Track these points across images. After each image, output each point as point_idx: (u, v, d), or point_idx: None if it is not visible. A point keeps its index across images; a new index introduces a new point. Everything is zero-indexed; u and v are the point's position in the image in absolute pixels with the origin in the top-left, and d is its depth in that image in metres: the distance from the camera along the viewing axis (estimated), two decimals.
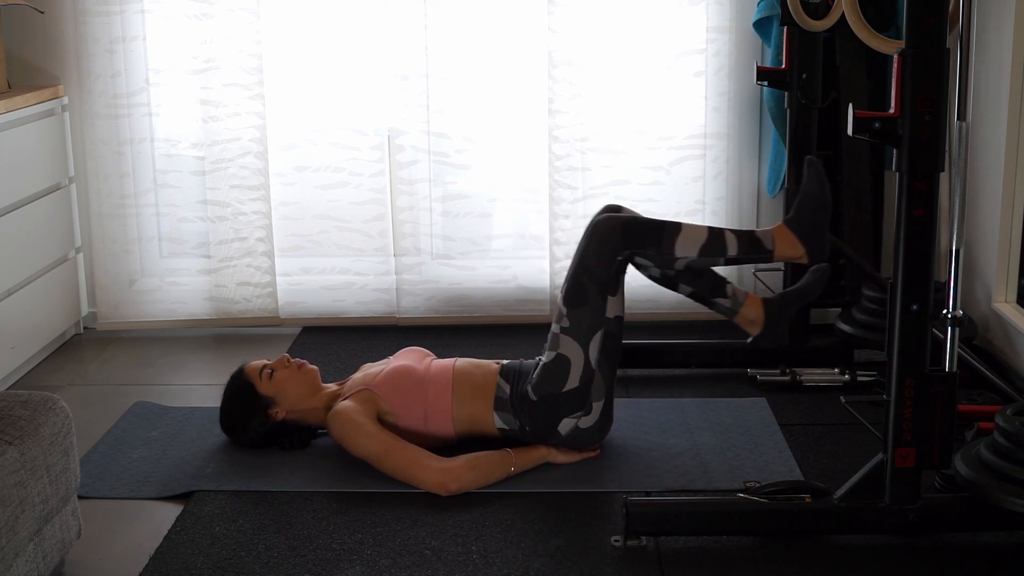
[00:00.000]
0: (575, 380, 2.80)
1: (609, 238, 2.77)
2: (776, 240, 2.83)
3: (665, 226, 2.81)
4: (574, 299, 2.79)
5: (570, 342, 2.80)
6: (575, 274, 2.80)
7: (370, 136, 4.00)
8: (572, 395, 2.81)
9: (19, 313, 3.58)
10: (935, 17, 2.21)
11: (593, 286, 2.77)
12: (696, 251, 2.80)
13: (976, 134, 3.45)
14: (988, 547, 2.46)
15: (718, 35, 3.87)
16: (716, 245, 2.80)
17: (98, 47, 3.87)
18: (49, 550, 2.30)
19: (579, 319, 2.79)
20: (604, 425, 2.88)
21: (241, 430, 2.98)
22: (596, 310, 2.78)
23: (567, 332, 2.80)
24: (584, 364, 2.80)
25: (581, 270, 2.79)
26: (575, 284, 2.79)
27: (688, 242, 2.80)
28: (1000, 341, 3.37)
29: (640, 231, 2.79)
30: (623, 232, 2.78)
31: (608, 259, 2.77)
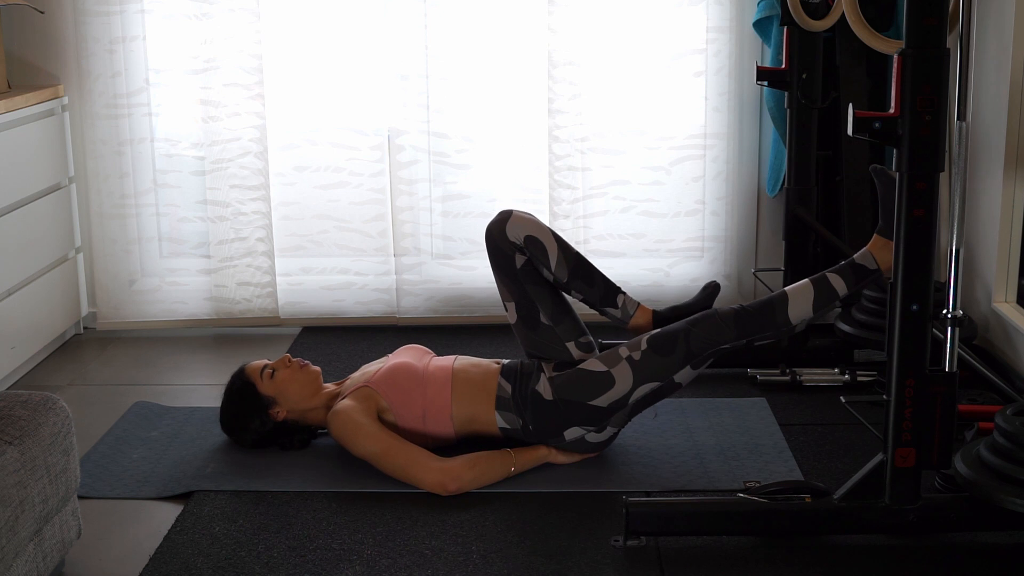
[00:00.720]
0: (605, 401, 2.80)
1: (721, 327, 2.78)
2: (877, 256, 2.82)
3: (773, 303, 2.81)
4: (661, 346, 2.79)
5: (627, 372, 2.79)
6: (679, 331, 2.80)
7: (370, 136, 4.00)
8: (593, 411, 2.81)
9: (19, 313, 3.58)
10: (935, 17, 2.21)
11: (684, 351, 2.78)
12: (811, 309, 2.80)
13: (976, 134, 3.45)
14: (988, 547, 2.46)
15: (718, 35, 3.87)
16: (825, 293, 2.80)
17: (98, 47, 3.87)
18: (49, 550, 2.30)
19: (651, 363, 2.79)
20: (608, 443, 2.90)
21: (241, 430, 2.98)
22: (670, 367, 2.79)
23: (632, 363, 2.79)
24: (623, 396, 2.80)
25: (685, 336, 2.79)
26: (672, 338, 2.79)
27: (799, 306, 2.79)
28: (1000, 341, 3.37)
29: (752, 318, 2.79)
30: (736, 322, 2.78)
31: (713, 344, 2.78)
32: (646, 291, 3.94)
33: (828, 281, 2.82)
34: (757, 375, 3.43)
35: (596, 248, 4.02)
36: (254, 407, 2.95)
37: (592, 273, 2.95)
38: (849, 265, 2.84)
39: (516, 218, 2.91)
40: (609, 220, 4.04)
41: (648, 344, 2.80)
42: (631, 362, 2.79)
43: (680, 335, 2.79)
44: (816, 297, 2.80)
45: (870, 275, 2.83)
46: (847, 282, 2.82)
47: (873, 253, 2.82)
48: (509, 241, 2.89)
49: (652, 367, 2.79)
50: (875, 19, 3.14)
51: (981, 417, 2.91)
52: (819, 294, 2.80)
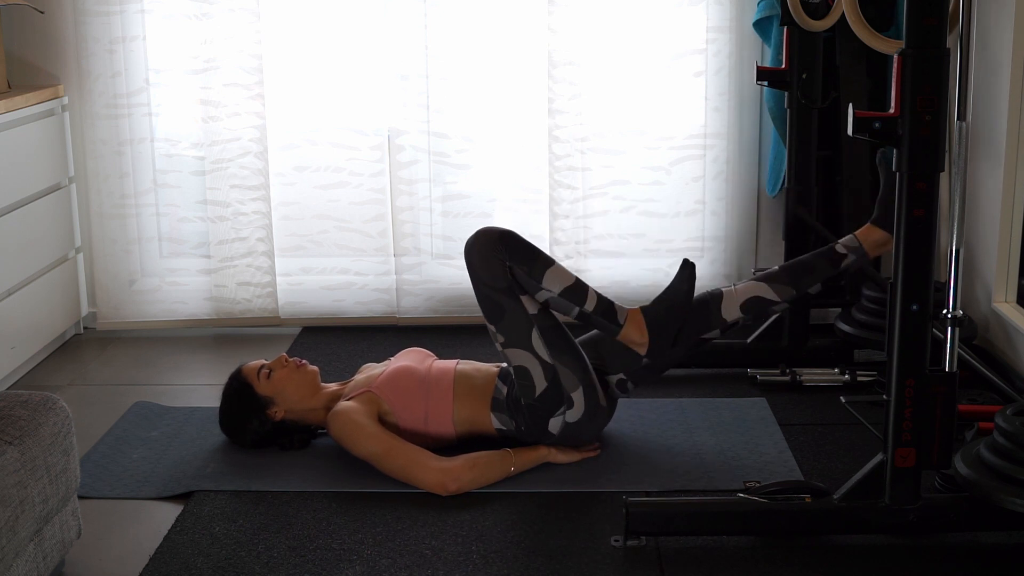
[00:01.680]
0: (542, 381, 2.80)
1: (492, 248, 2.79)
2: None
3: (539, 255, 2.82)
4: (493, 314, 2.81)
5: (516, 352, 2.81)
6: (478, 293, 2.82)
7: (370, 136, 4.00)
8: (546, 396, 2.81)
9: (19, 313, 3.58)
10: (935, 17, 2.21)
11: (500, 295, 2.79)
12: (559, 290, 2.80)
13: (976, 134, 3.45)
14: (988, 547, 2.46)
15: (718, 35, 3.87)
16: (576, 293, 2.81)
17: (98, 47, 3.87)
18: (49, 550, 2.30)
19: (508, 329, 2.80)
20: (594, 413, 2.85)
21: (240, 430, 2.98)
22: (517, 314, 2.79)
23: (507, 345, 2.81)
24: (540, 364, 2.80)
25: (482, 286, 2.80)
26: (485, 301, 2.81)
27: (556, 279, 2.80)
28: (1000, 341, 3.37)
29: (518, 246, 2.80)
30: (502, 240, 2.80)
31: (498, 265, 2.78)
32: (646, 291, 3.93)
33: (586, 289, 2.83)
34: (757, 375, 3.43)
35: (596, 248, 4.02)
36: (252, 407, 2.95)
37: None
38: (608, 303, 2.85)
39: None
40: (609, 220, 4.04)
41: (490, 324, 2.81)
42: (505, 345, 2.81)
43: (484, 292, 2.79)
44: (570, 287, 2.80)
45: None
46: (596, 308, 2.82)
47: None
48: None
49: (513, 329, 2.79)
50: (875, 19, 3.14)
51: (981, 417, 2.91)
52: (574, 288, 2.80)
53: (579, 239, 3.99)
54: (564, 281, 2.80)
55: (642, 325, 2.87)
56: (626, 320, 2.86)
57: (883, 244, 3.00)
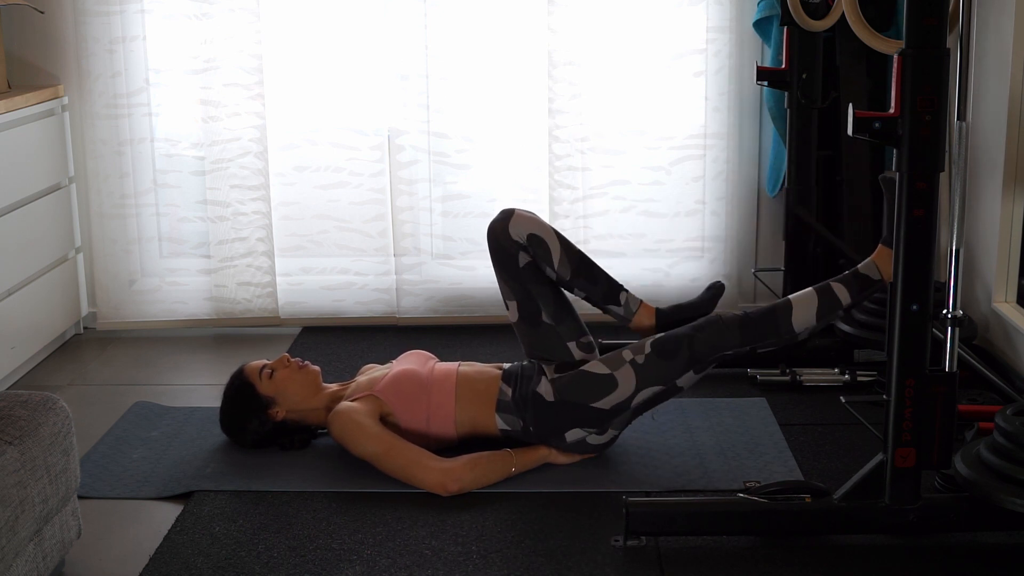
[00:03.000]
0: (607, 404, 2.79)
1: (726, 332, 2.77)
2: (880, 266, 2.82)
3: (776, 312, 2.80)
4: (664, 351, 2.79)
5: (631, 375, 2.79)
6: (683, 336, 2.79)
7: (370, 136, 4.00)
8: (595, 413, 2.80)
9: (19, 313, 3.58)
10: (935, 17, 2.21)
11: (687, 356, 2.78)
12: (814, 318, 2.80)
13: (976, 134, 3.45)
14: (988, 547, 2.46)
15: (718, 35, 3.87)
16: (829, 302, 2.80)
17: (98, 47, 3.87)
18: (49, 550, 2.30)
19: (655, 367, 2.79)
20: (608, 445, 2.89)
21: (241, 430, 2.98)
22: (674, 371, 2.79)
23: (635, 366, 2.79)
24: (626, 399, 2.79)
25: (689, 341, 2.78)
26: (676, 342, 2.79)
27: (803, 314, 2.79)
28: (1000, 341, 3.37)
29: (756, 325, 2.79)
30: (741, 330, 2.78)
31: (717, 350, 2.78)
32: (646, 291, 3.92)
33: (832, 290, 2.82)
34: (757, 375, 3.43)
35: (596, 248, 4.02)
36: (253, 407, 2.95)
37: (595, 271, 2.95)
38: (852, 275, 2.84)
39: (519, 217, 2.90)
40: (609, 220, 4.04)
41: (652, 348, 2.80)
42: (635, 365, 2.79)
43: (684, 340, 2.78)
44: (820, 306, 2.80)
45: (873, 285, 2.83)
46: (850, 292, 2.82)
47: (877, 263, 2.82)
48: (512, 240, 2.89)
49: (655, 371, 2.78)
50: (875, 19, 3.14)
51: (981, 417, 2.91)
52: (823, 303, 2.80)
53: (579, 239, 3.99)
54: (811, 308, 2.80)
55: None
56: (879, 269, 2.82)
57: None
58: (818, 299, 2.81)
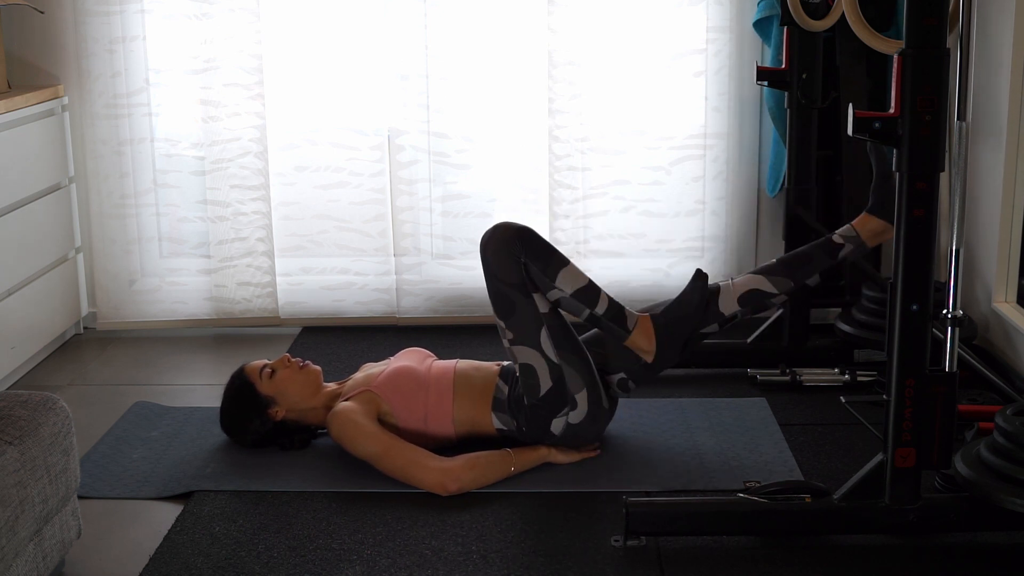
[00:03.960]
0: (547, 381, 2.80)
1: (509, 243, 2.77)
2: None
3: (555, 253, 2.81)
4: (504, 310, 2.80)
5: (523, 349, 2.80)
6: (490, 287, 2.81)
7: (370, 136, 4.00)
8: (551, 396, 2.81)
9: (19, 313, 3.58)
10: (935, 17, 2.21)
11: (512, 291, 2.78)
12: (571, 290, 2.79)
13: (976, 134, 3.45)
14: (988, 547, 2.46)
15: (718, 35, 3.87)
16: (589, 295, 2.81)
17: (98, 47, 3.87)
18: (49, 550, 2.30)
19: (518, 325, 2.80)
20: (596, 415, 2.86)
21: (241, 430, 2.98)
22: (528, 311, 2.79)
23: (515, 342, 2.81)
24: (547, 363, 2.80)
25: (496, 281, 2.79)
26: (496, 296, 2.80)
27: (569, 279, 2.79)
28: (1000, 341, 3.37)
29: (535, 243, 2.79)
30: (519, 235, 2.78)
31: (513, 261, 2.77)
32: (646, 291, 3.94)
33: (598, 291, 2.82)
34: (757, 375, 3.43)
35: (596, 248, 4.02)
36: (253, 407, 2.95)
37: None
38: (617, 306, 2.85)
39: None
40: (609, 220, 4.04)
41: (498, 318, 2.81)
42: (513, 342, 2.81)
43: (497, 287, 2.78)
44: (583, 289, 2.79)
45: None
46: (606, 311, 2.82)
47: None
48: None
49: (522, 326, 2.78)
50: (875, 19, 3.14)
51: (981, 417, 2.91)
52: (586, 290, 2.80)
53: (579, 239, 3.99)
54: (577, 282, 2.80)
55: (651, 333, 2.87)
56: (635, 326, 2.85)
57: (881, 233, 3.01)
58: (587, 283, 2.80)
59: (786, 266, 3.00)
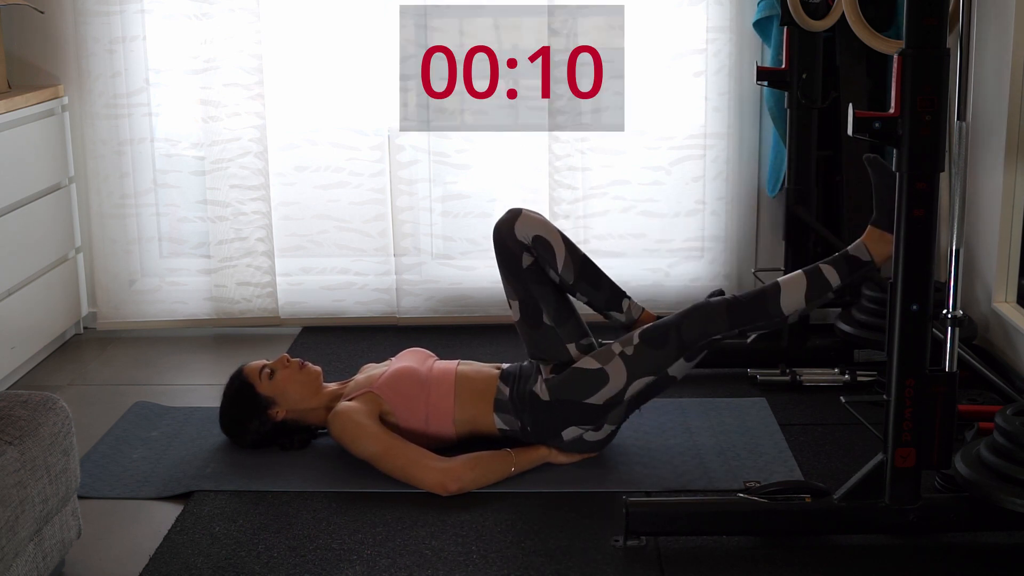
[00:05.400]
0: (600, 399, 2.79)
1: (713, 317, 2.77)
2: (871, 247, 2.81)
3: (765, 294, 2.80)
4: (652, 340, 2.79)
5: (621, 368, 2.78)
6: (670, 324, 2.79)
7: (370, 136, 4.00)
8: (589, 409, 2.80)
9: (19, 313, 3.58)
10: (935, 17, 2.21)
11: (677, 343, 2.78)
12: (803, 299, 2.79)
13: (976, 134, 3.45)
14: (988, 547, 2.46)
15: (718, 35, 3.87)
16: (818, 284, 2.79)
17: (98, 47, 3.87)
18: (49, 550, 2.30)
19: (644, 357, 2.78)
20: (606, 442, 2.89)
21: (241, 430, 2.98)
22: (664, 360, 2.79)
23: (624, 358, 2.79)
24: (618, 392, 2.79)
25: (677, 328, 2.78)
26: (663, 330, 2.79)
27: (792, 296, 2.78)
28: (1000, 341, 3.37)
29: (744, 308, 2.78)
30: (728, 313, 2.77)
31: (706, 335, 2.77)
32: (646, 291, 3.94)
33: (821, 272, 2.81)
34: (757, 375, 3.43)
35: (596, 248, 4.02)
36: (253, 408, 2.95)
37: (598, 276, 2.95)
38: (842, 256, 2.83)
39: (525, 217, 2.90)
40: (609, 220, 4.04)
41: (640, 338, 2.79)
42: (624, 357, 2.79)
43: (672, 327, 2.78)
44: (809, 288, 2.79)
45: (863, 267, 2.82)
46: (840, 273, 2.81)
47: (867, 244, 2.82)
48: (517, 240, 2.88)
49: (645, 361, 2.78)
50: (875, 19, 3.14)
51: (981, 417, 2.91)
52: (812, 285, 2.80)
53: (579, 239, 3.98)
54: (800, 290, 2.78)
55: (884, 235, 2.80)
56: (869, 250, 2.81)
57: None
58: (807, 281, 2.80)
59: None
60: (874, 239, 2.81)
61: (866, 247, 2.81)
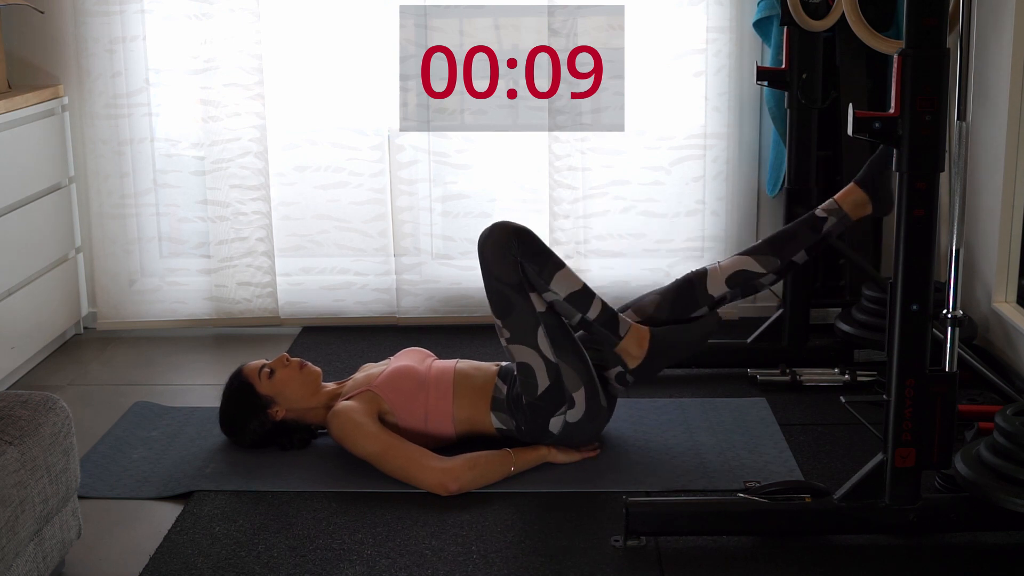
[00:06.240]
0: (544, 380, 2.80)
1: (506, 242, 2.78)
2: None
3: (552, 256, 2.82)
4: (501, 308, 2.81)
5: (520, 348, 2.81)
6: (488, 286, 2.82)
7: (370, 136, 4.00)
8: (548, 394, 2.81)
9: (19, 313, 3.58)
10: (935, 17, 2.21)
11: (510, 290, 2.79)
12: (565, 294, 2.80)
13: (976, 134, 3.45)
14: (988, 547, 2.46)
15: (718, 35, 3.87)
16: (582, 299, 2.81)
17: (98, 47, 3.87)
18: (49, 550, 2.30)
19: (515, 325, 2.80)
20: (595, 414, 2.85)
21: (240, 430, 2.98)
22: (525, 310, 2.80)
23: (512, 341, 2.81)
24: (544, 362, 2.80)
25: (493, 280, 2.80)
26: (494, 295, 2.81)
27: (564, 283, 2.80)
28: (1000, 341, 3.37)
29: (531, 244, 2.80)
30: (516, 235, 2.79)
31: (510, 261, 2.78)
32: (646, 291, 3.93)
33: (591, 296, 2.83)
34: (757, 375, 3.43)
35: (596, 248, 4.02)
36: (253, 407, 2.95)
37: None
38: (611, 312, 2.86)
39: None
40: (609, 220, 4.04)
41: (496, 317, 2.82)
42: (511, 341, 2.82)
43: (494, 286, 2.80)
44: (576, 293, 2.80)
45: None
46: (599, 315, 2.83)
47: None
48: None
49: (519, 325, 2.79)
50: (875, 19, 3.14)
51: (981, 417, 2.91)
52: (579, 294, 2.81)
53: (579, 239, 3.99)
54: (572, 286, 2.81)
55: (644, 341, 2.88)
56: (627, 333, 2.87)
57: (863, 205, 3.05)
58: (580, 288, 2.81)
59: (771, 244, 3.07)
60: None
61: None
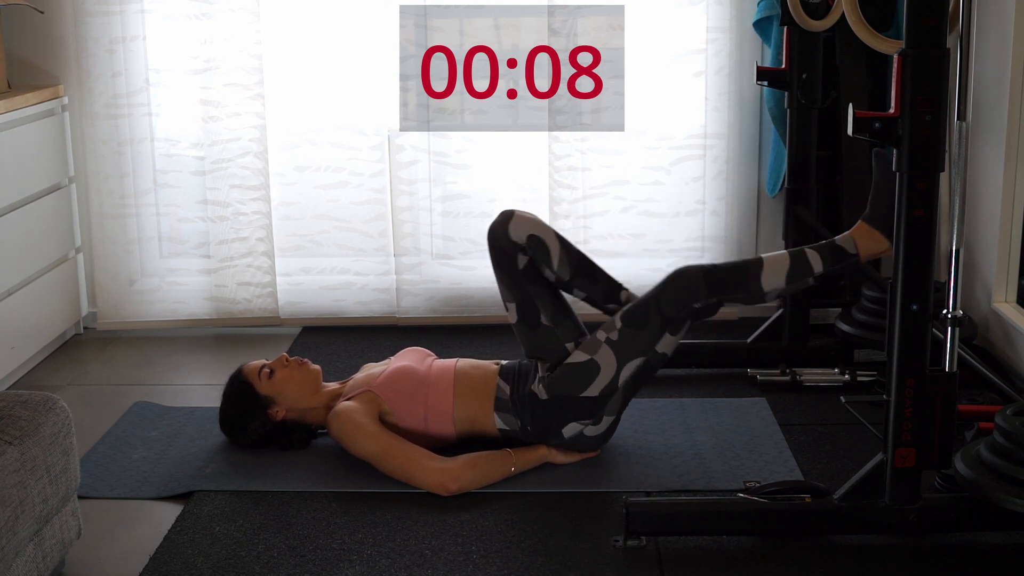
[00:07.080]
0: (595, 390, 2.79)
1: (691, 285, 2.75)
2: (858, 242, 2.80)
3: (747, 266, 2.79)
4: (634, 320, 2.78)
5: (609, 354, 2.79)
6: (647, 300, 2.79)
7: (370, 136, 4.00)
8: (586, 402, 2.80)
9: (19, 313, 3.58)
10: (935, 17, 2.21)
11: (658, 318, 2.77)
12: (784, 280, 2.77)
13: (976, 134, 3.45)
14: (988, 547, 2.46)
15: (718, 35, 3.87)
16: (800, 267, 2.78)
17: (98, 47, 3.87)
18: (49, 550, 2.30)
19: (630, 339, 2.78)
20: (607, 436, 2.88)
21: (241, 430, 2.98)
22: (649, 339, 2.78)
23: (611, 344, 2.79)
24: (611, 380, 2.79)
25: (655, 302, 2.77)
26: (642, 308, 2.78)
27: (773, 274, 2.77)
28: (1000, 341, 3.37)
29: (723, 277, 2.77)
30: (706, 281, 2.76)
31: (686, 305, 2.76)
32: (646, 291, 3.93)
33: (806, 256, 2.80)
34: (757, 375, 3.43)
35: (596, 248, 4.02)
36: (253, 407, 2.95)
37: (594, 271, 2.95)
38: (829, 245, 2.82)
39: (518, 218, 2.90)
40: (609, 220, 4.04)
41: (622, 321, 2.79)
42: (610, 343, 2.79)
43: (651, 303, 2.77)
44: (791, 269, 2.78)
45: (847, 259, 2.81)
46: (824, 261, 2.79)
47: (855, 238, 2.81)
48: (512, 241, 2.89)
49: (632, 343, 2.78)
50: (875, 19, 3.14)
51: (981, 417, 2.91)
52: (794, 267, 2.78)
53: (579, 239, 3.99)
54: (782, 269, 2.76)
55: (873, 233, 2.80)
56: (856, 244, 2.80)
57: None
58: (790, 262, 2.79)
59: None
60: (863, 234, 2.80)
61: (853, 241, 2.81)
